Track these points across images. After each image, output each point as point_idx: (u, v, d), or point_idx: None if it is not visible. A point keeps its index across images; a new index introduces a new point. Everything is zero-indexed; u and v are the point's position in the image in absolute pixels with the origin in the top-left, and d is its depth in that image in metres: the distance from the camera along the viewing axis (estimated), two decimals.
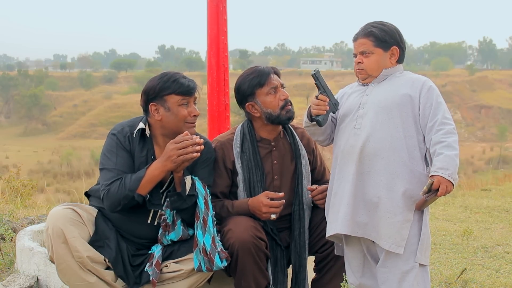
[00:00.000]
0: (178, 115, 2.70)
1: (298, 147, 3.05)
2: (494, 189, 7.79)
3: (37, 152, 53.09)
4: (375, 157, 2.64)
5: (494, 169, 26.51)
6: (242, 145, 2.97)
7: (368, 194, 2.65)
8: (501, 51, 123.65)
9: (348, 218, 2.65)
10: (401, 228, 2.60)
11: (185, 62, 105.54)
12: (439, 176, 2.50)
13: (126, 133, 2.74)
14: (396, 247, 2.60)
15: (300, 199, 2.98)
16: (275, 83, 2.96)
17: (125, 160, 2.70)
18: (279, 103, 2.95)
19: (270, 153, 3.01)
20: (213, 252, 2.66)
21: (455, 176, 2.52)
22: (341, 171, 2.74)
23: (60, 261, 2.59)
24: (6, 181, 6.20)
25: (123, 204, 2.63)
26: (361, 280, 2.79)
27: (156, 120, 2.73)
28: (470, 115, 73.10)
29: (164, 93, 2.70)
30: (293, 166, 3.02)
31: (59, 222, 2.60)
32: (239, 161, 2.94)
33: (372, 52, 2.72)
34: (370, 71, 2.75)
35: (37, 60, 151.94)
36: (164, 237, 2.76)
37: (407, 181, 2.61)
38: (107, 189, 2.64)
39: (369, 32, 2.72)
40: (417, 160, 2.65)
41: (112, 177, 2.65)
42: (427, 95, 2.66)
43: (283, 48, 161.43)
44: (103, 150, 2.75)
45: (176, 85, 2.69)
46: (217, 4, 4.02)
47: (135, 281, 2.70)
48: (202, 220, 2.70)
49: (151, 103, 2.72)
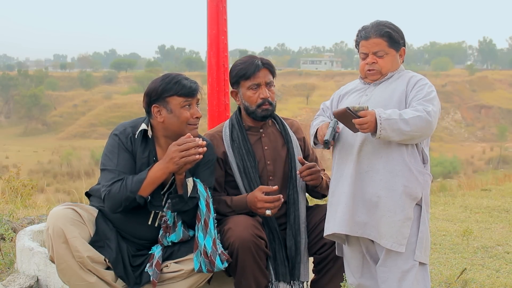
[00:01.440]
0: (181, 117, 2.69)
1: (288, 133, 3.08)
2: (494, 189, 7.79)
3: (37, 152, 53.08)
4: (373, 156, 2.64)
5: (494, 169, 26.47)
6: (231, 135, 3.01)
7: (367, 194, 2.65)
8: (501, 51, 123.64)
9: (346, 218, 2.66)
10: (402, 227, 2.60)
11: (185, 62, 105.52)
12: (375, 113, 2.51)
13: (128, 134, 2.73)
14: (398, 245, 2.60)
15: (294, 183, 3.00)
16: (259, 80, 2.97)
17: (126, 161, 2.69)
18: (257, 101, 2.97)
19: (260, 140, 3.04)
20: (213, 254, 2.65)
21: (384, 126, 2.50)
22: (339, 170, 2.75)
23: (60, 261, 2.59)
24: (6, 181, 6.20)
25: (124, 205, 2.63)
26: (360, 281, 2.79)
27: (158, 122, 2.72)
28: (470, 115, 73.07)
29: (166, 95, 2.68)
30: (284, 151, 3.04)
31: (59, 222, 2.59)
32: (230, 150, 2.97)
33: (387, 53, 2.72)
34: (385, 71, 2.75)
35: (37, 60, 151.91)
36: (164, 238, 2.76)
37: (406, 179, 2.61)
38: (108, 190, 2.63)
39: (385, 33, 2.70)
40: (415, 157, 2.65)
41: (113, 178, 2.64)
42: (416, 85, 2.67)
43: (283, 48, 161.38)
44: (105, 150, 2.74)
45: (178, 86, 2.68)
46: (217, 4, 4.02)
47: (135, 282, 2.70)
48: (204, 222, 2.69)
49: (154, 105, 2.70)
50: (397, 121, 2.52)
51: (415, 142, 2.63)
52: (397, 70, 2.77)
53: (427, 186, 2.68)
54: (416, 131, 2.54)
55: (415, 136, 2.56)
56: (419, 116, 2.54)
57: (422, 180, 2.64)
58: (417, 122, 2.53)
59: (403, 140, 2.58)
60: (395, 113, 2.55)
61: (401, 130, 2.53)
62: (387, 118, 2.52)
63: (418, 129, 2.54)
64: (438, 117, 2.64)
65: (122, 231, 2.77)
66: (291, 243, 2.94)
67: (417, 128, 2.54)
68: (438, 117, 2.64)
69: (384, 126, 2.52)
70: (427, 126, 2.55)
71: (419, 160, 2.66)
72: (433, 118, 2.57)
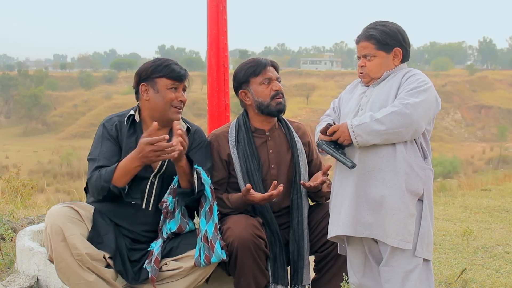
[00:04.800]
0: (166, 97, 2.79)
1: (294, 137, 3.08)
2: (494, 189, 7.79)
3: (37, 152, 53.09)
4: (374, 156, 2.64)
5: (494, 169, 26.50)
6: (237, 136, 3.02)
7: (371, 194, 2.64)
8: (501, 51, 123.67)
9: (350, 219, 2.65)
10: (407, 224, 2.59)
11: (185, 62, 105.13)
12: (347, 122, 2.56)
13: (114, 122, 2.83)
14: (405, 243, 2.59)
15: (298, 188, 3.01)
16: (270, 74, 3.02)
17: (108, 148, 2.76)
18: (270, 93, 3.00)
19: (266, 143, 3.04)
20: (214, 238, 2.68)
21: (358, 132, 2.54)
22: (342, 172, 2.74)
23: (59, 259, 2.59)
24: (6, 181, 6.19)
25: (102, 195, 2.68)
26: (361, 280, 2.79)
27: (144, 101, 2.83)
28: (470, 115, 73.09)
29: (155, 76, 2.79)
30: (289, 155, 3.05)
31: (57, 221, 2.60)
32: (234, 151, 2.98)
33: (374, 56, 2.72)
34: (373, 75, 2.75)
35: (37, 60, 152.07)
36: (164, 226, 2.77)
37: (408, 176, 2.60)
38: (88, 178, 2.72)
39: (370, 36, 2.71)
40: (415, 152, 2.64)
41: (93, 166, 2.73)
42: (408, 80, 2.65)
43: (283, 48, 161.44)
44: (93, 140, 2.85)
45: (168, 69, 2.79)
46: (217, 4, 4.02)
47: (134, 277, 2.71)
48: (208, 209, 2.73)
49: (142, 84, 2.82)
50: (368, 124, 2.53)
51: (406, 139, 2.59)
52: (394, 69, 2.74)
53: (429, 181, 2.67)
54: (394, 128, 2.52)
55: (398, 133, 2.54)
56: (393, 112, 2.52)
57: (424, 175, 2.64)
58: (392, 118, 2.52)
59: (387, 140, 2.56)
60: (366, 116, 2.56)
61: (376, 131, 2.53)
62: (358, 124, 2.54)
63: (396, 126, 2.53)
64: (425, 108, 2.57)
65: (119, 221, 2.78)
66: (294, 248, 2.94)
67: (394, 125, 2.52)
68: (425, 108, 2.57)
69: (358, 132, 2.54)
70: (404, 120, 2.52)
71: (419, 156, 2.65)
72: (412, 109, 2.52)
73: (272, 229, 2.93)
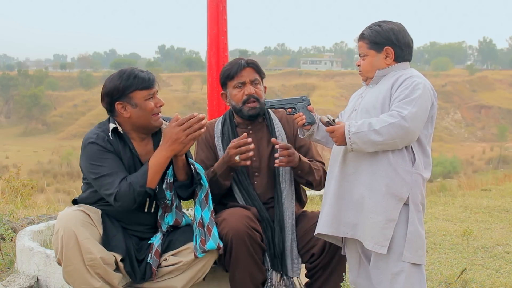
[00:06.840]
0: (146, 109, 2.75)
1: (274, 129, 3.09)
2: (494, 189, 7.78)
3: (37, 152, 53.10)
4: (358, 157, 2.63)
5: (494, 169, 26.45)
6: (222, 128, 3.10)
7: (354, 195, 2.64)
8: (501, 51, 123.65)
9: (330, 218, 2.66)
10: (384, 228, 2.55)
11: (185, 62, 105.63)
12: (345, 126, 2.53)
13: (104, 137, 2.74)
14: (379, 247, 2.56)
15: (282, 180, 3.02)
16: (243, 78, 3.02)
17: (116, 161, 2.72)
18: (242, 97, 3.01)
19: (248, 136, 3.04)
20: (211, 223, 2.72)
21: (354, 140, 2.51)
22: (330, 172, 2.77)
23: (68, 263, 2.58)
24: (6, 181, 6.20)
25: (138, 201, 2.67)
26: (356, 280, 2.79)
27: (125, 118, 2.76)
28: (470, 115, 73.12)
29: (129, 91, 2.73)
30: (270, 147, 3.06)
31: (70, 224, 2.59)
32: (219, 142, 3.07)
33: (366, 55, 2.72)
34: (366, 73, 2.75)
35: (37, 60, 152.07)
36: (163, 220, 2.81)
37: (390, 179, 2.56)
38: (116, 192, 2.62)
39: (362, 35, 2.73)
40: (402, 157, 2.58)
41: (115, 179, 2.65)
42: (402, 85, 2.59)
43: (283, 48, 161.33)
44: (87, 161, 2.71)
45: (138, 81, 2.73)
46: (217, 4, 4.02)
47: (141, 276, 2.74)
48: (204, 196, 2.78)
49: (117, 102, 2.74)
50: (366, 133, 2.50)
51: (400, 147, 2.56)
52: (386, 69, 2.70)
53: (417, 186, 2.59)
54: (391, 139, 2.49)
55: (393, 143, 2.51)
56: (392, 124, 2.48)
57: (410, 180, 2.57)
58: (390, 131, 2.48)
59: (381, 149, 2.54)
60: (364, 124, 2.51)
61: (373, 142, 2.50)
62: (356, 132, 2.51)
63: (393, 137, 2.49)
64: (423, 118, 2.54)
65: (124, 223, 2.80)
66: (279, 239, 2.94)
67: (391, 137, 2.49)
68: (423, 118, 2.54)
69: (354, 140, 2.52)
70: (402, 132, 2.49)
71: (407, 160, 2.59)
72: (410, 122, 2.48)
73: (263, 216, 2.94)
